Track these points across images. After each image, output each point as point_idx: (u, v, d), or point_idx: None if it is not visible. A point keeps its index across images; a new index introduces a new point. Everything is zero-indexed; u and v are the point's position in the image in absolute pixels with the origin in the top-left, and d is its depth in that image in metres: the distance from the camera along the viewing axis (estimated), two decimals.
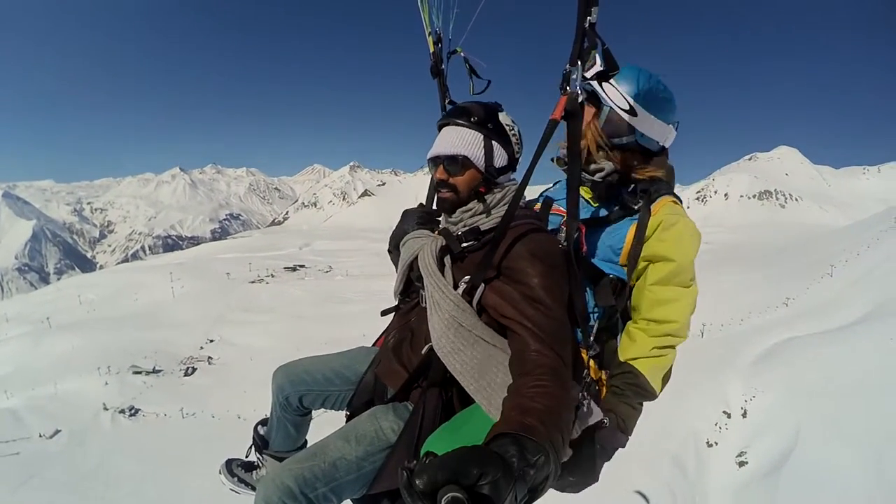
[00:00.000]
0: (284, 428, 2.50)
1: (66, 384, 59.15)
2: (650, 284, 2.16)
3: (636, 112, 2.15)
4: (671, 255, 2.12)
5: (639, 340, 2.16)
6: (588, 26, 1.72)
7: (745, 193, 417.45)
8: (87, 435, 46.62)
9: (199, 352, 73.01)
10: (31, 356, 71.07)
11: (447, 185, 2.03)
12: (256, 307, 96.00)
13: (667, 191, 2.24)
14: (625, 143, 2.23)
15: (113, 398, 54.78)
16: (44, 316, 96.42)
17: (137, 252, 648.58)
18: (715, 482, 24.68)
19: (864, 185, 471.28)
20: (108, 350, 69.60)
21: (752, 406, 28.17)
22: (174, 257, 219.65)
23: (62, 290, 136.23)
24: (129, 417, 51.32)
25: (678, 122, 2.29)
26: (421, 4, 2.64)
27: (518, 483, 1.06)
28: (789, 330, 36.37)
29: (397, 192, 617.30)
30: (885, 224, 58.95)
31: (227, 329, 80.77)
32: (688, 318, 2.18)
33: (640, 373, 2.11)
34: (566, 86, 1.80)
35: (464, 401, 1.98)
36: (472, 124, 2.01)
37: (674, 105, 2.27)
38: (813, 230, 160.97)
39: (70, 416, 49.75)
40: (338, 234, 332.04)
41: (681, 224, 2.14)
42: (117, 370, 63.21)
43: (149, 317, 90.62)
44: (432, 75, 2.77)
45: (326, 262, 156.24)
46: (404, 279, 2.23)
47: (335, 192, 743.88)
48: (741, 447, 25.71)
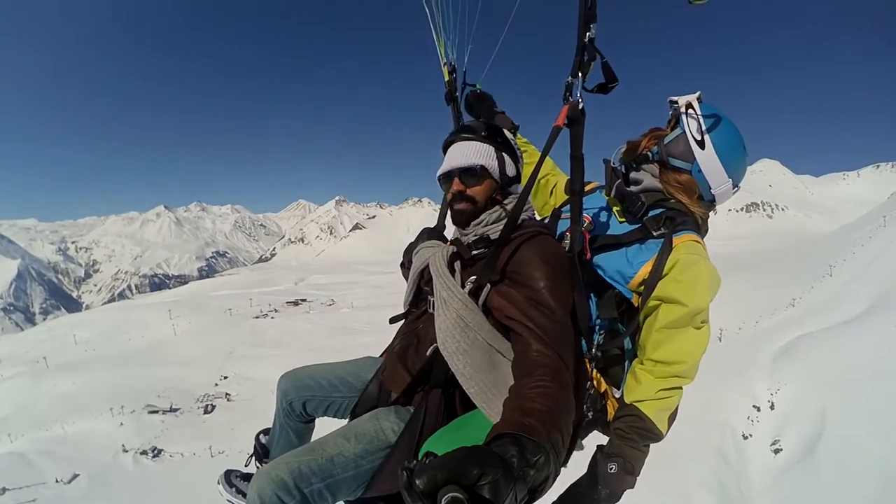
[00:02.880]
0: (287, 436, 2.48)
1: (76, 426, 56.74)
2: (660, 328, 2.06)
3: (704, 146, 2.17)
4: (685, 300, 2.01)
5: (644, 382, 2.07)
6: (587, 41, 1.84)
7: (733, 207, 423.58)
8: (110, 478, 44.62)
9: (215, 388, 70.70)
10: (30, 397, 68.63)
11: (464, 196, 2.08)
12: (266, 342, 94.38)
13: (692, 228, 2.18)
14: (678, 166, 2.23)
15: (130, 439, 52.43)
16: (38, 356, 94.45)
17: (124, 291, 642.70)
18: (755, 470, 28.11)
19: (845, 190, 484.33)
20: (116, 389, 67.12)
21: (778, 398, 32.18)
22: (168, 295, 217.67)
23: (54, 329, 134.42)
24: (153, 459, 49.16)
25: (738, 187, 2.29)
26: (437, 39, 2.81)
27: (518, 483, 1.08)
28: (800, 327, 40.73)
29: (388, 225, 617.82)
30: (874, 223, 62.70)
31: (240, 365, 78.87)
32: (697, 360, 2.09)
33: (645, 416, 2.04)
34: (568, 95, 1.91)
35: (466, 403, 1.98)
36: (483, 138, 2.10)
37: (743, 162, 2.27)
38: (802, 237, 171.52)
39: (86, 459, 47.40)
40: (331, 267, 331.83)
41: (700, 266, 2.05)
42: (131, 410, 60.76)
43: (152, 355, 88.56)
44: (447, 102, 2.95)
45: (327, 296, 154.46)
46: (415, 287, 2.26)
47: (322, 226, 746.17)
48: (774, 436, 29.44)
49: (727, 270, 71.87)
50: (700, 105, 2.19)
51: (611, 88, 1.92)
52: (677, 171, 2.24)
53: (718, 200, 2.29)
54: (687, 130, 2.20)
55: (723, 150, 2.18)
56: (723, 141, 2.19)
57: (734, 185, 2.27)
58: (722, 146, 2.18)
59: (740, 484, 27.43)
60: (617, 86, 1.92)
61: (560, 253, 1.98)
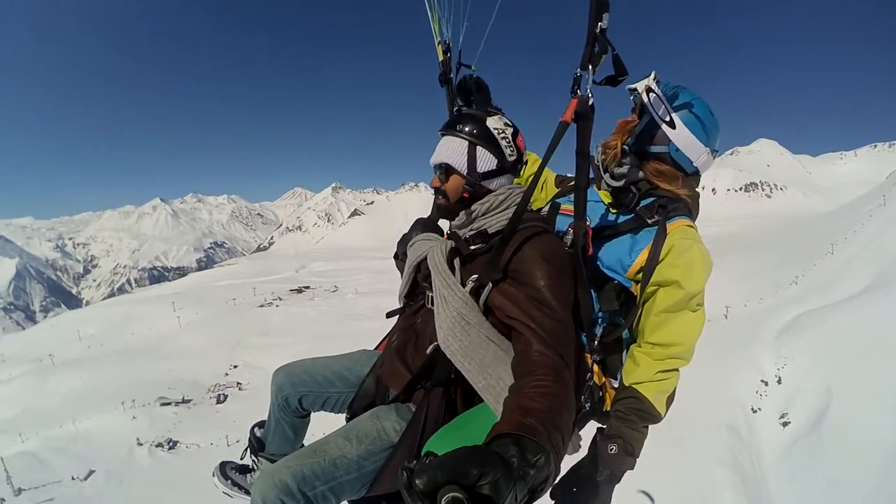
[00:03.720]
0: (282, 430, 2.49)
1: (87, 422, 56.06)
2: (658, 311, 2.14)
3: (675, 125, 2.18)
4: (682, 283, 2.09)
5: (642, 364, 2.14)
6: (599, 31, 1.75)
7: (732, 187, 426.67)
8: (126, 472, 44.19)
9: (226, 378, 70.29)
10: (37, 396, 67.76)
11: (440, 191, 2.13)
12: (273, 330, 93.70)
13: (685, 213, 2.25)
14: (657, 152, 2.26)
15: (145, 432, 52.01)
16: (43, 354, 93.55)
17: (123, 285, 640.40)
18: (765, 443, 28.77)
19: (842, 170, 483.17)
20: (124, 384, 66.54)
21: (784, 373, 32.76)
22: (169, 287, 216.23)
23: (56, 326, 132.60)
24: (169, 451, 48.82)
25: (717, 151, 2.31)
26: (431, 15, 2.70)
27: (518, 483, 1.08)
28: (803, 305, 41.33)
29: (386, 211, 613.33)
30: (875, 202, 62.69)
31: (249, 354, 78.20)
32: (693, 342, 2.17)
33: (644, 397, 2.11)
34: (577, 89, 1.84)
35: (467, 401, 2.01)
36: (457, 132, 2.08)
37: (715, 131, 2.28)
38: (801, 216, 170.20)
39: (100, 455, 46.95)
40: (331, 254, 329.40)
41: (694, 250, 2.12)
42: (143, 403, 60.17)
43: (158, 347, 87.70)
44: (440, 83, 2.84)
45: (330, 282, 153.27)
46: (410, 280, 2.25)
47: (319, 214, 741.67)
48: (782, 410, 30.24)
49: (729, 250, 78.01)
50: (659, 86, 2.15)
51: (620, 81, 1.83)
52: (656, 157, 2.26)
53: (702, 170, 2.31)
54: (654, 115, 2.19)
55: (692, 123, 2.20)
56: (690, 114, 2.20)
57: (712, 151, 2.27)
58: (691, 120, 2.20)
59: (752, 458, 28.17)
60: (626, 79, 1.83)
61: (562, 250, 1.95)
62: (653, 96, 2.15)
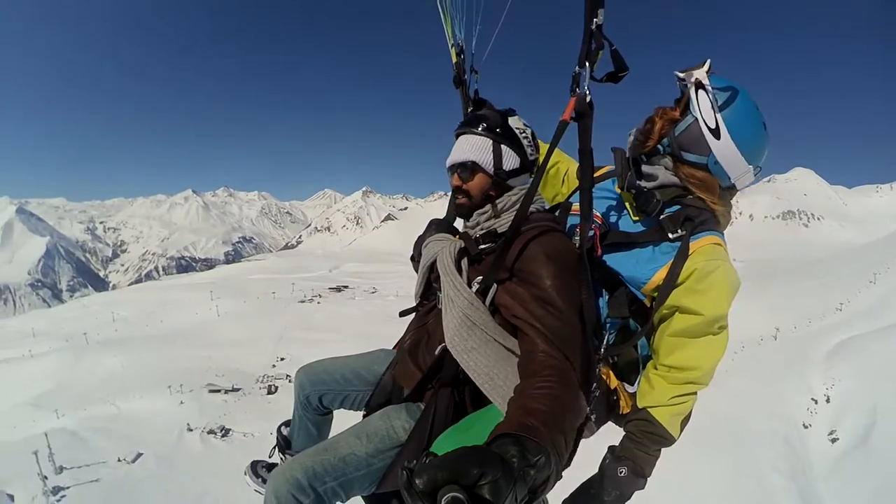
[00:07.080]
0: (305, 428, 2.56)
1: (131, 403, 53.78)
2: (674, 334, 2.00)
3: (720, 135, 1.98)
4: (701, 310, 1.92)
5: (657, 388, 2.04)
6: (595, 28, 1.71)
7: (769, 214, 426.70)
8: (177, 458, 41.82)
9: (273, 370, 67.91)
10: (71, 373, 65.84)
11: (461, 190, 2.09)
12: (316, 326, 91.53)
13: (712, 227, 2.05)
14: (693, 161, 2.05)
15: (194, 418, 49.42)
16: (73, 332, 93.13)
17: (151, 272, 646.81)
18: (815, 455, 31.26)
19: (877, 202, 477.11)
20: (166, 369, 64.19)
21: (833, 392, 35.38)
22: (201, 277, 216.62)
23: (88, 307, 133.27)
24: (222, 438, 46.44)
25: (761, 168, 2.09)
26: (444, 18, 2.70)
27: (518, 483, 1.07)
28: (850, 329, 43.89)
29: (419, 217, 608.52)
30: None
31: (294, 347, 75.78)
32: (713, 366, 2.02)
33: (657, 422, 2.02)
34: (575, 87, 1.80)
35: (476, 402, 2.01)
36: (481, 131, 2.05)
37: (763, 147, 2.06)
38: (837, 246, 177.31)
39: (147, 438, 44.26)
40: (364, 257, 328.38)
41: (720, 273, 1.93)
42: (190, 388, 57.83)
43: (196, 335, 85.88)
44: (455, 85, 2.80)
45: (368, 284, 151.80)
46: (424, 281, 2.25)
47: (348, 216, 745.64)
48: (831, 427, 32.67)
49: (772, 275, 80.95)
50: (710, 78, 1.96)
51: (621, 77, 1.76)
52: (693, 165, 2.05)
53: (739, 186, 2.10)
54: (699, 117, 1.98)
55: (741, 136, 1.96)
56: (740, 124, 1.96)
57: (756, 168, 2.06)
58: (740, 132, 1.96)
59: (804, 469, 30.46)
60: (627, 74, 1.75)
61: (569, 249, 1.90)
62: (702, 95, 1.96)
